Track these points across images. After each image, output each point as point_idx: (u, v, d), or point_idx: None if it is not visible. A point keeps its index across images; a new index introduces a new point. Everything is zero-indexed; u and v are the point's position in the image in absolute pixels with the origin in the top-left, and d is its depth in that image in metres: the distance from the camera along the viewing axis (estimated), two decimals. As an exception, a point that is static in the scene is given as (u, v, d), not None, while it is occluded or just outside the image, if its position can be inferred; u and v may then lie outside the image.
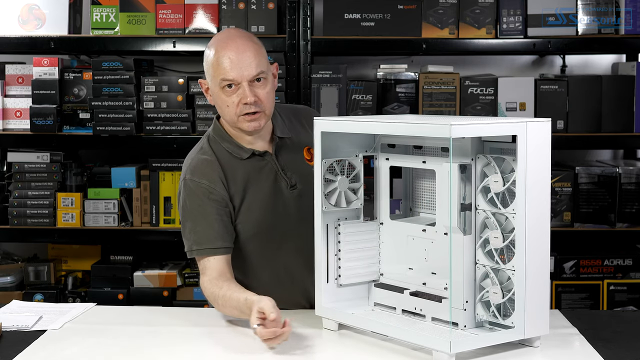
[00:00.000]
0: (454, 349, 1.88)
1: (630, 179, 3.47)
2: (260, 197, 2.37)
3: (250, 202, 2.37)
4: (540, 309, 2.00)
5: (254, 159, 2.39)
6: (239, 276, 2.40)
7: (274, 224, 2.38)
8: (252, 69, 2.29)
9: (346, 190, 2.21)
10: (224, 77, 2.29)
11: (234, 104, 2.30)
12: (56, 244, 3.76)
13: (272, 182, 2.39)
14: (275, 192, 2.39)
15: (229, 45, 2.30)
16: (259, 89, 2.31)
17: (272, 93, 2.35)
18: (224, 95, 2.31)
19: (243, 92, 2.29)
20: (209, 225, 2.32)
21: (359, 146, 2.23)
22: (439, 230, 2.09)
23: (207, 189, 2.33)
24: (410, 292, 2.16)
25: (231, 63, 2.28)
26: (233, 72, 2.28)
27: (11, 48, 3.52)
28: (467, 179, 2.02)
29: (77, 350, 2.08)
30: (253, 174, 2.38)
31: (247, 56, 2.29)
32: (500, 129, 1.97)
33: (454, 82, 3.46)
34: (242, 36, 2.34)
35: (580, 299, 3.51)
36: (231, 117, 2.33)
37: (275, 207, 2.38)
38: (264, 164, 2.40)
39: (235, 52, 2.29)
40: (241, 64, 2.28)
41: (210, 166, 2.36)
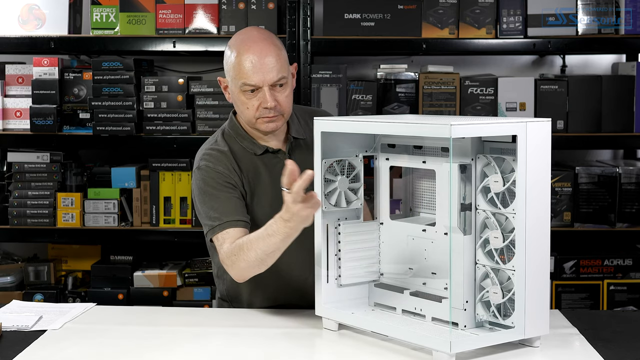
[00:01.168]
0: (454, 349, 1.88)
1: (630, 179, 3.47)
2: (269, 192, 2.39)
3: (259, 196, 2.39)
4: (540, 309, 2.00)
5: (267, 155, 2.42)
6: None
7: None
8: (273, 74, 2.30)
9: (346, 190, 2.21)
10: (246, 82, 2.30)
11: (254, 107, 2.32)
12: (56, 244, 3.75)
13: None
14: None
15: (252, 48, 2.30)
16: (279, 93, 2.33)
17: (290, 96, 2.37)
18: (244, 97, 2.33)
19: (263, 97, 2.30)
20: (226, 203, 2.30)
21: (359, 146, 2.24)
22: (439, 230, 2.09)
23: (222, 174, 2.34)
24: (410, 292, 2.16)
25: (253, 67, 2.28)
26: (255, 77, 2.29)
27: (11, 48, 3.52)
28: (467, 179, 2.02)
29: (77, 350, 2.08)
30: (265, 170, 2.40)
31: (270, 61, 2.30)
32: (500, 129, 1.97)
33: (454, 82, 3.46)
34: (264, 39, 2.34)
35: (580, 299, 3.51)
36: (249, 119, 2.36)
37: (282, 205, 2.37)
38: (277, 162, 2.41)
39: (257, 56, 2.29)
40: (263, 69, 2.29)
41: (224, 156, 2.38)
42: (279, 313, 2.38)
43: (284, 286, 2.44)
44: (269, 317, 2.34)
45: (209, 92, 3.47)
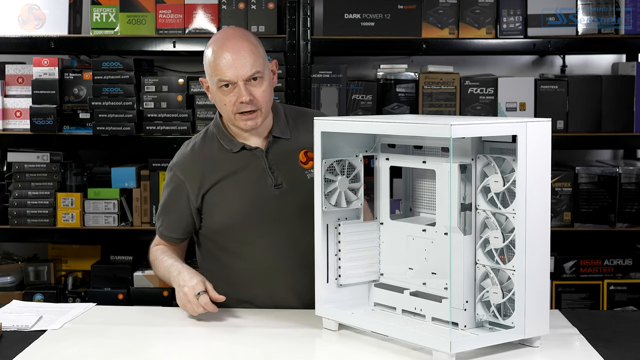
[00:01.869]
0: (454, 349, 1.88)
1: (630, 179, 3.47)
2: (240, 189, 2.43)
3: (228, 193, 2.44)
4: (540, 309, 2.00)
5: (244, 152, 2.46)
6: (216, 267, 2.51)
7: (249, 218, 2.43)
8: (247, 69, 2.34)
9: (346, 190, 2.21)
10: (221, 78, 2.35)
11: (231, 103, 2.37)
12: (56, 244, 3.75)
13: (257, 177, 2.44)
14: (257, 187, 2.43)
15: (225, 45, 2.36)
16: (254, 87, 2.36)
17: (268, 91, 2.40)
18: (221, 94, 2.38)
19: (239, 92, 2.35)
20: (171, 217, 2.52)
21: (359, 146, 2.23)
22: (439, 230, 2.09)
23: (178, 181, 2.48)
24: (410, 292, 2.16)
25: (227, 63, 2.34)
26: (229, 73, 2.34)
27: (11, 48, 3.52)
28: (467, 179, 2.02)
29: (77, 350, 2.08)
30: (239, 168, 2.44)
31: (243, 56, 2.34)
32: (500, 129, 1.97)
33: (454, 82, 3.46)
34: (238, 35, 2.39)
35: (580, 299, 3.51)
36: (228, 115, 2.41)
37: (253, 202, 2.43)
38: (252, 159, 2.45)
39: (231, 52, 2.34)
40: (236, 64, 2.33)
41: (191, 157, 2.49)
42: (279, 313, 2.38)
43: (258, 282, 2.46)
44: (269, 317, 2.34)
45: (209, 92, 3.47)
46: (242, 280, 2.47)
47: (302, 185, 2.42)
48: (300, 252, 2.40)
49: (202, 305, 2.23)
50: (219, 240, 2.49)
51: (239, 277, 2.47)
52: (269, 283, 2.46)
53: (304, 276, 2.38)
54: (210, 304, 2.24)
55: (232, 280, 2.48)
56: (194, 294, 2.25)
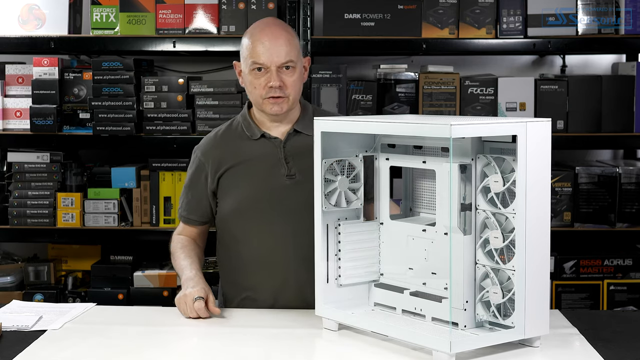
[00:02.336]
0: (454, 349, 1.88)
1: (630, 179, 3.47)
2: (252, 175, 2.50)
3: (243, 179, 2.50)
4: (540, 309, 2.00)
5: (262, 140, 2.53)
6: (224, 253, 2.58)
7: (258, 205, 2.48)
8: (281, 56, 2.43)
9: (346, 190, 2.21)
10: (255, 60, 2.44)
11: (261, 86, 2.45)
12: (56, 244, 3.75)
13: (271, 166, 2.49)
14: (271, 176, 2.48)
15: (265, 31, 2.46)
16: (286, 75, 2.45)
17: (298, 82, 2.49)
18: (252, 77, 2.46)
19: (270, 76, 2.44)
20: (191, 200, 2.60)
21: (359, 146, 2.24)
22: (439, 230, 2.09)
23: (199, 162, 2.57)
24: (410, 292, 2.16)
25: (263, 48, 2.43)
26: (264, 57, 2.43)
27: (11, 48, 3.52)
28: (467, 179, 2.02)
29: (77, 350, 2.08)
30: (256, 154, 2.51)
31: (279, 43, 2.44)
32: (500, 129, 1.97)
33: (454, 82, 3.46)
34: (278, 24, 2.51)
35: (580, 299, 3.51)
36: (256, 99, 2.49)
37: (264, 190, 2.48)
38: (270, 148, 2.51)
39: (269, 38, 2.44)
40: (272, 50, 2.43)
41: (213, 141, 2.58)
42: (279, 313, 2.38)
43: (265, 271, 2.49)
44: (269, 317, 2.34)
45: (209, 92, 3.47)
46: (246, 267, 2.51)
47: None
48: (306, 245, 2.40)
49: (195, 309, 2.28)
50: (230, 225, 2.54)
51: (243, 264, 2.52)
52: (272, 272, 2.48)
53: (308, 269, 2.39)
54: (203, 310, 2.29)
55: (237, 266, 2.54)
56: (192, 298, 2.30)
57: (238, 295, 2.54)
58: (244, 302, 2.53)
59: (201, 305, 2.28)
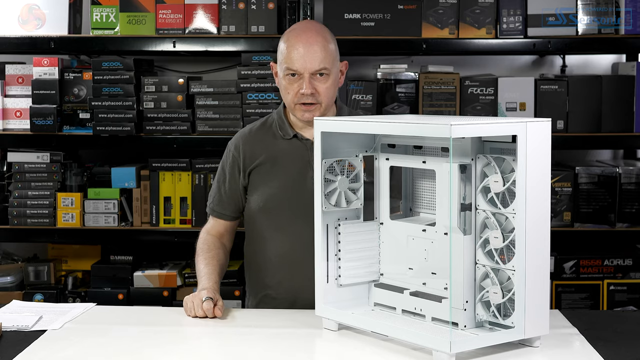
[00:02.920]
0: (454, 349, 1.88)
1: (630, 179, 3.47)
2: (281, 175, 2.51)
3: (271, 177, 2.52)
4: (540, 309, 2.00)
5: (294, 141, 2.54)
6: (249, 250, 2.60)
7: (284, 204, 2.50)
8: (315, 63, 2.43)
9: (346, 190, 2.21)
10: (289, 67, 2.45)
11: (293, 92, 2.46)
12: (56, 244, 3.75)
13: (300, 167, 2.51)
14: (298, 177, 2.50)
15: (301, 36, 2.46)
16: (319, 82, 2.45)
17: (332, 88, 2.48)
18: (286, 82, 2.48)
19: (303, 83, 2.44)
20: (222, 195, 2.60)
21: (359, 146, 2.24)
22: (439, 230, 2.09)
23: (232, 156, 2.58)
24: (410, 292, 2.16)
25: (298, 54, 2.44)
26: (297, 63, 2.44)
27: (11, 48, 3.52)
28: (467, 179, 2.02)
29: (77, 350, 2.08)
30: (287, 154, 2.53)
31: (314, 50, 2.43)
32: (500, 129, 1.97)
33: (454, 82, 3.46)
34: (315, 30, 2.49)
35: (580, 299, 3.51)
36: (289, 104, 2.50)
37: (291, 190, 2.50)
38: (301, 150, 2.53)
39: (304, 44, 2.44)
40: (306, 57, 2.43)
41: (247, 136, 2.59)
42: (279, 313, 2.38)
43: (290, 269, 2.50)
44: (269, 317, 2.34)
45: (209, 92, 3.47)
46: (268, 265, 2.54)
47: None
48: None
49: (204, 308, 2.28)
50: (257, 222, 2.56)
51: (265, 262, 2.54)
52: (293, 273, 2.50)
53: None
54: (211, 310, 2.29)
55: (260, 264, 2.56)
56: (201, 298, 2.31)
57: (260, 292, 2.57)
58: (265, 300, 2.55)
59: (210, 305, 2.28)
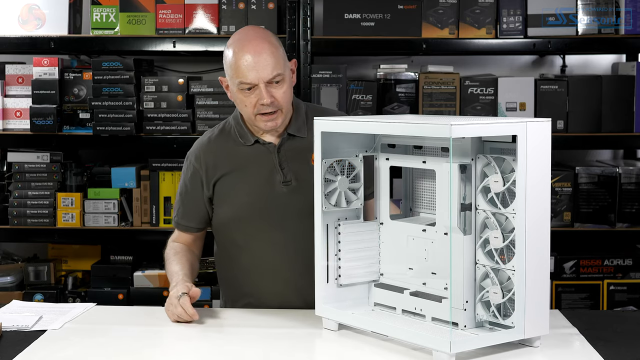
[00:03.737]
0: (454, 349, 1.88)
1: (630, 179, 3.47)
2: (249, 182, 2.46)
3: (239, 186, 2.46)
4: (540, 309, 2.00)
5: (257, 146, 2.48)
6: (224, 260, 2.56)
7: (256, 212, 2.45)
8: (268, 72, 2.35)
9: (346, 190, 2.21)
10: (242, 80, 2.36)
11: (252, 104, 2.38)
12: (56, 244, 3.75)
13: (267, 172, 2.46)
14: (266, 183, 2.45)
15: (246, 46, 2.36)
16: (275, 89, 2.38)
17: (288, 92, 2.42)
18: (241, 95, 2.40)
19: (260, 94, 2.36)
20: (187, 206, 2.55)
21: (359, 146, 2.23)
22: (439, 230, 2.09)
23: (193, 168, 2.52)
24: (410, 292, 2.16)
25: (248, 66, 2.35)
26: (250, 75, 2.35)
27: (11, 48, 3.52)
28: (467, 179, 2.02)
29: (77, 350, 2.08)
30: (251, 161, 2.47)
31: (264, 58, 2.35)
32: (500, 129, 1.97)
33: (454, 82, 3.46)
34: (259, 37, 2.40)
35: (580, 299, 3.51)
36: (249, 116, 2.43)
37: (261, 197, 2.45)
38: (265, 154, 2.47)
39: (252, 54, 2.35)
40: (258, 67, 2.34)
41: (207, 146, 2.52)
42: (279, 313, 2.38)
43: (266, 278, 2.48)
44: (269, 317, 2.34)
45: (209, 92, 3.47)
46: (247, 274, 2.49)
47: (310, 184, 2.42)
48: (305, 251, 2.41)
49: (181, 304, 2.24)
50: (227, 232, 2.51)
51: (244, 272, 2.50)
52: (273, 279, 2.47)
53: (308, 275, 2.39)
54: (188, 304, 2.24)
55: (237, 272, 2.52)
56: (176, 296, 2.28)
57: (240, 300, 2.53)
58: (248, 307, 2.51)
59: (186, 300, 2.24)
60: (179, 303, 2.25)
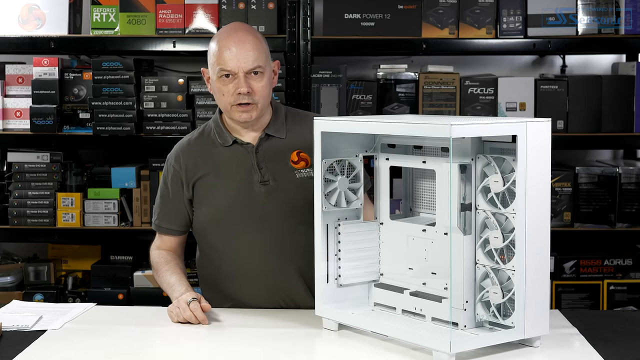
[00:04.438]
0: (454, 349, 1.88)
1: (630, 179, 3.47)
2: (226, 183, 2.45)
3: (217, 187, 2.46)
4: (540, 309, 2.00)
5: (235, 147, 2.48)
6: (205, 264, 2.54)
7: (233, 213, 2.44)
8: (249, 62, 2.38)
9: (346, 190, 2.21)
10: (222, 67, 2.39)
11: (229, 93, 2.39)
12: (56, 244, 3.76)
13: (245, 173, 2.45)
14: (245, 183, 2.44)
15: (231, 36, 2.40)
16: (254, 81, 2.39)
17: (267, 87, 2.43)
18: (220, 84, 2.41)
19: (238, 83, 2.38)
20: (168, 208, 2.53)
21: (359, 146, 2.24)
22: (439, 230, 2.09)
23: (173, 170, 2.51)
24: (410, 292, 2.16)
25: (230, 54, 2.38)
26: (231, 63, 2.38)
27: (11, 48, 3.52)
28: (467, 179, 2.02)
29: (77, 350, 2.08)
30: (229, 161, 2.46)
31: (246, 48, 2.38)
32: (500, 129, 1.97)
33: (454, 82, 3.46)
34: (244, 29, 2.44)
35: (580, 299, 3.51)
36: (225, 106, 2.43)
37: (238, 197, 2.44)
38: (243, 155, 2.47)
39: (235, 43, 2.39)
40: (239, 56, 2.37)
41: (186, 148, 2.52)
42: (279, 313, 2.38)
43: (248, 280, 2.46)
44: (269, 317, 2.34)
45: (209, 92, 3.45)
46: (228, 277, 2.48)
47: (289, 184, 2.43)
48: (285, 252, 2.41)
49: (191, 309, 2.24)
50: (207, 235, 2.50)
51: (225, 274, 2.49)
52: (253, 283, 2.46)
53: (290, 275, 2.40)
54: (199, 310, 2.24)
55: (219, 276, 2.50)
56: (185, 300, 2.27)
57: (225, 303, 2.49)
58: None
59: (197, 305, 2.25)
60: (188, 307, 2.25)
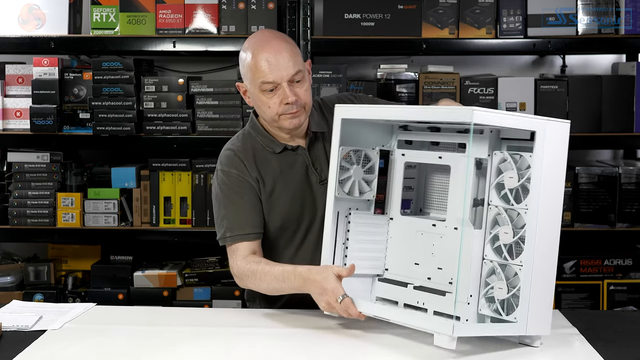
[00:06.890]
0: (457, 332, 1.86)
1: (630, 179, 3.47)
2: (289, 190, 2.42)
3: (279, 194, 2.42)
4: (544, 308, 2.00)
5: (286, 153, 2.44)
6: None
7: (301, 217, 2.43)
8: (289, 70, 2.33)
9: (360, 180, 2.22)
10: (264, 80, 2.33)
11: (276, 105, 2.35)
12: (56, 244, 3.75)
13: (303, 176, 2.44)
14: (305, 186, 2.43)
15: (265, 47, 2.34)
16: (298, 88, 2.36)
17: (309, 89, 2.40)
18: (264, 97, 2.36)
19: (284, 93, 2.33)
20: (238, 212, 2.39)
21: (377, 140, 2.25)
22: (449, 225, 2.09)
23: (237, 177, 2.40)
24: (413, 286, 2.15)
25: (269, 65, 2.32)
26: (272, 75, 2.32)
27: (11, 48, 3.52)
28: (482, 174, 2.03)
29: (77, 350, 2.08)
30: (284, 168, 2.43)
31: (284, 57, 2.33)
32: (520, 121, 1.96)
33: (454, 82, 3.46)
34: (276, 37, 2.39)
35: (580, 299, 3.51)
36: (272, 117, 2.38)
37: (303, 201, 2.43)
38: (296, 158, 2.45)
39: (272, 53, 2.33)
40: (279, 66, 2.32)
41: (239, 156, 2.42)
42: (279, 313, 2.38)
43: None
44: (269, 317, 2.34)
45: (209, 92, 3.47)
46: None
47: None
48: None
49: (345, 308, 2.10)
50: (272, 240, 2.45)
51: None
52: None
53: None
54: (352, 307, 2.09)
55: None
56: (335, 300, 2.12)
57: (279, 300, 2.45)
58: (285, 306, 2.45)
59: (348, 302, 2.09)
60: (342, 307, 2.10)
